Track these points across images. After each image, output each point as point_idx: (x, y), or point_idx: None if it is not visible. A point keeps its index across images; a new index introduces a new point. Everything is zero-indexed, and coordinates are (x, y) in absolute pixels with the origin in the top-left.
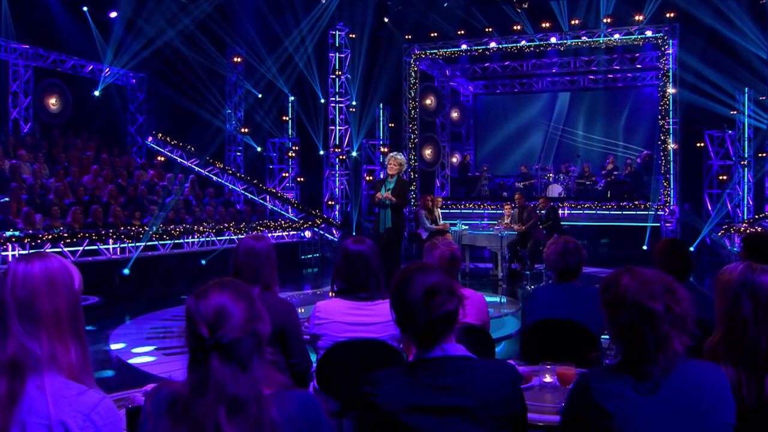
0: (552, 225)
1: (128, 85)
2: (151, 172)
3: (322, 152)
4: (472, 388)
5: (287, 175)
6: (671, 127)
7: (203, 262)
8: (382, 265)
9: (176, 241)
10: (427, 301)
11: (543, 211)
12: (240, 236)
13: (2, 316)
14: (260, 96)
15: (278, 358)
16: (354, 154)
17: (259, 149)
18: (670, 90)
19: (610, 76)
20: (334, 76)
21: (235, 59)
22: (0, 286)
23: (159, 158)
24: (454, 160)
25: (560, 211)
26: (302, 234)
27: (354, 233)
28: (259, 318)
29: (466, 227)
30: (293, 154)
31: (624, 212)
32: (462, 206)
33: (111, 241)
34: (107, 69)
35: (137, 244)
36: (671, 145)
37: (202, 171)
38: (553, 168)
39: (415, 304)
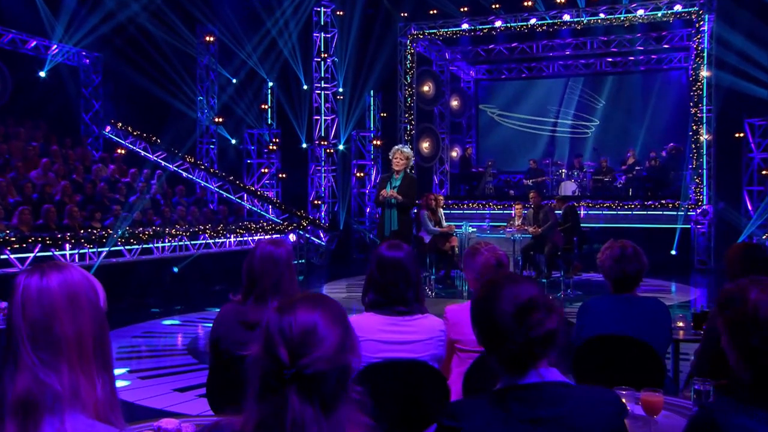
0: (571, 227)
1: (81, 66)
2: (111, 167)
3: (305, 145)
4: (572, 421)
5: (267, 170)
6: (705, 115)
7: (176, 269)
8: (420, 274)
9: (145, 246)
10: (522, 318)
11: (560, 212)
12: (217, 240)
13: (12, 344)
14: (235, 81)
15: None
16: (341, 147)
17: (234, 141)
18: (704, 73)
19: (632, 58)
20: (319, 59)
21: (207, 38)
22: (8, 305)
23: (119, 151)
24: (454, 154)
25: None
26: (286, 238)
27: (339, 236)
28: (352, 349)
29: (474, 230)
30: (274, 147)
31: (649, 212)
32: (464, 206)
33: (68, 246)
34: (55, 46)
35: (100, 249)
36: (704, 136)
37: (170, 166)
38: (566, 163)
39: (506, 322)
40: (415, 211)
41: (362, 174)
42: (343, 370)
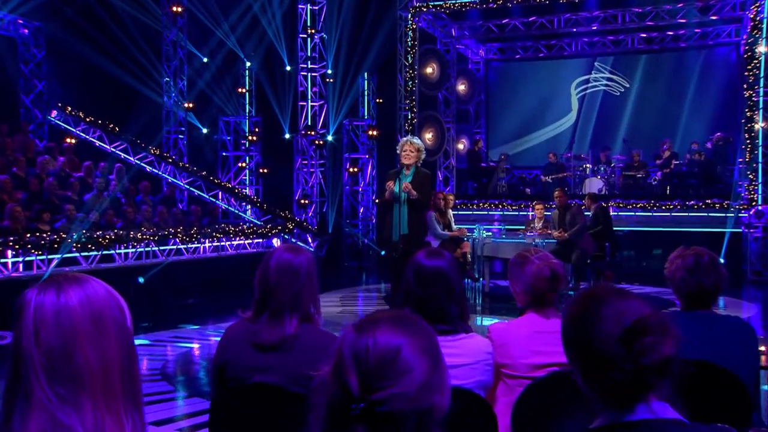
0: (603, 231)
1: (19, 37)
2: (61, 160)
3: (288, 135)
4: None
5: (245, 165)
6: (761, 99)
7: (141, 280)
8: (464, 287)
9: (105, 253)
10: (631, 342)
11: (588, 213)
12: (190, 245)
13: (22, 377)
14: (207, 61)
15: None
16: (330, 138)
17: (206, 131)
18: (762, 48)
19: (670, 33)
20: (305, 36)
21: (175, 9)
22: (16, 329)
23: (69, 140)
24: (461, 146)
25: None
26: (269, 243)
27: (329, 241)
28: (441, 387)
29: (489, 234)
30: (253, 138)
31: (690, 214)
32: (474, 206)
33: (11, 252)
34: None
35: (50, 256)
36: (760, 124)
37: (132, 159)
38: (591, 156)
39: (611, 346)
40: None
41: (355, 169)
42: (425, 413)
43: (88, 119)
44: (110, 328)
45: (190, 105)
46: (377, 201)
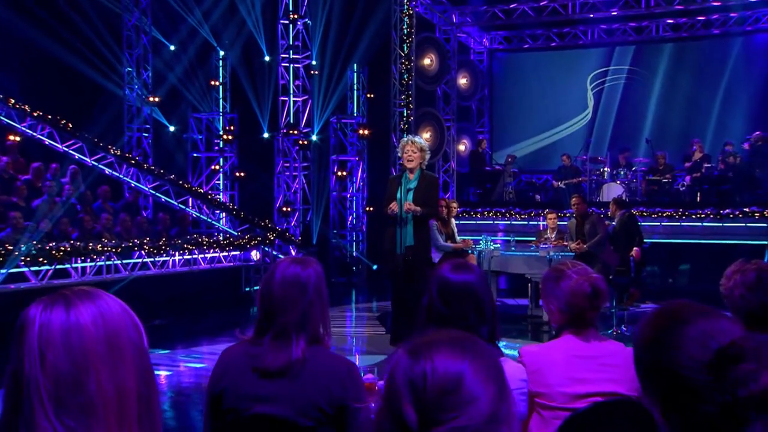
0: (628, 241)
1: None
2: (4, 160)
3: (267, 134)
4: None
5: (219, 167)
6: None
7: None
8: (495, 305)
9: (59, 267)
10: (724, 369)
11: (613, 222)
12: (158, 258)
13: (24, 406)
14: (174, 49)
15: None
16: (315, 137)
17: (173, 129)
18: None
19: (701, 18)
20: (286, 22)
21: None
22: (14, 352)
23: (13, 138)
24: (462, 147)
25: None
26: (247, 255)
27: (315, 254)
28: (508, 418)
29: (498, 246)
30: (228, 137)
31: (725, 224)
32: (477, 215)
33: None
34: None
35: None
36: None
37: (89, 160)
38: (610, 159)
39: (697, 373)
40: None
41: (344, 173)
42: None
43: (35, 114)
44: (126, 351)
45: (156, 99)
46: (369, 209)
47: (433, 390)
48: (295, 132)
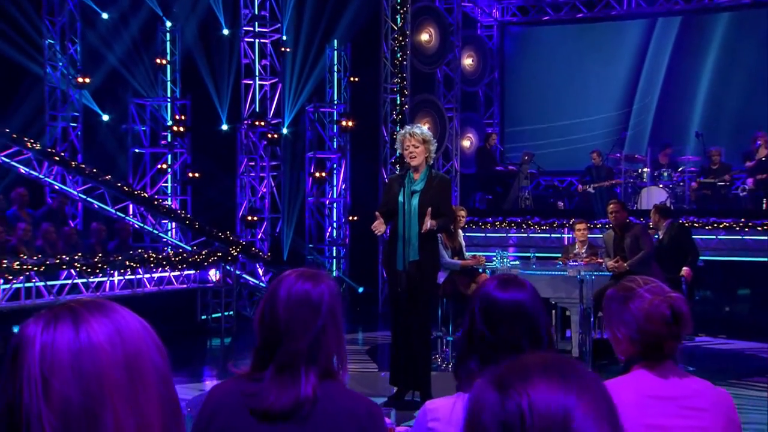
0: (679, 259)
1: None
2: None
3: (227, 126)
4: None
5: (168, 166)
6: None
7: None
8: (551, 330)
9: None
10: None
11: (658, 234)
12: (91, 279)
13: None
14: (108, 17)
15: None
16: (286, 130)
17: (107, 118)
18: None
19: None
20: None
21: None
22: (6, 380)
23: None
24: (467, 143)
25: None
26: (203, 275)
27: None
28: None
29: (516, 263)
30: (179, 129)
31: None
32: (486, 225)
33: None
34: None
35: None
36: None
37: None
38: (650, 157)
39: None
40: None
41: (322, 174)
42: None
43: None
44: (149, 377)
45: (87, 81)
46: (353, 218)
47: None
48: (262, 123)
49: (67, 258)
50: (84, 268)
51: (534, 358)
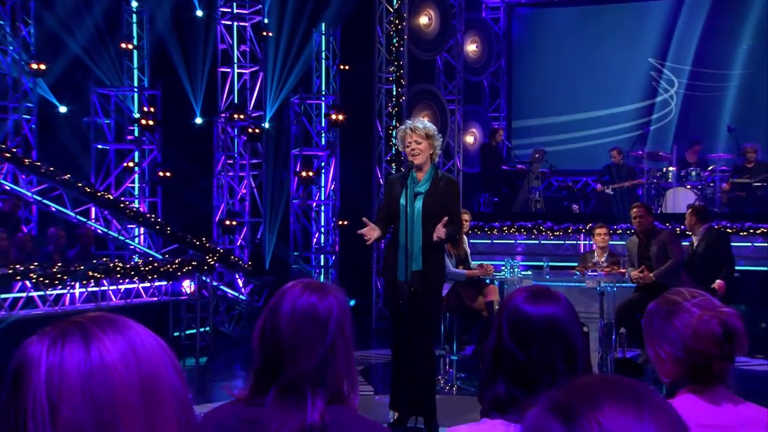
0: (713, 269)
1: None
2: None
3: (201, 120)
4: None
5: (135, 165)
6: None
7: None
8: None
9: None
10: None
11: (691, 240)
12: (50, 291)
13: None
14: None
15: None
16: (268, 124)
17: (64, 110)
18: None
19: None
20: None
21: None
22: (11, 407)
23: None
24: (471, 138)
25: None
26: (176, 287)
27: (271, 285)
28: None
29: (528, 273)
30: (148, 123)
31: None
32: (494, 231)
33: None
34: None
35: None
36: None
37: None
38: (676, 154)
39: None
40: None
41: (309, 173)
42: None
43: None
44: (167, 401)
45: (42, 67)
46: (343, 223)
47: None
48: (242, 116)
49: (22, 268)
50: (41, 279)
51: (597, 381)
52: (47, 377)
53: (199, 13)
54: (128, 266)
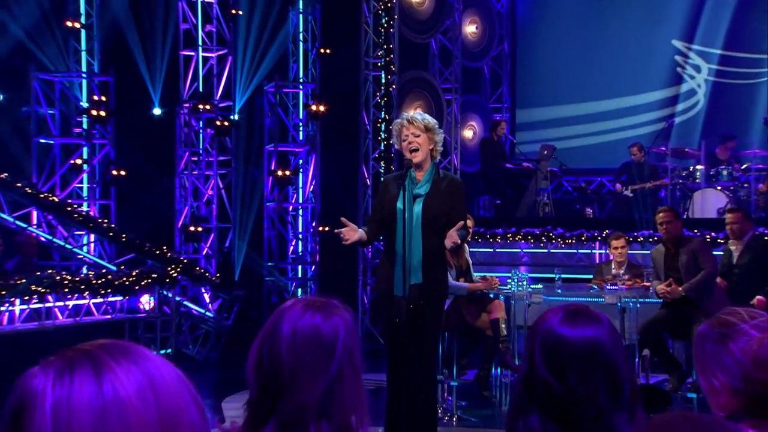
0: (756, 282)
1: None
2: None
3: (160, 110)
4: None
5: (85, 162)
6: None
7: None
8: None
9: None
10: None
11: (721, 247)
12: None
13: None
14: None
15: None
16: (237, 116)
17: (0, 98)
18: None
19: None
20: None
21: None
22: None
23: None
24: (469, 133)
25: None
26: (134, 303)
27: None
28: None
29: (539, 286)
30: (99, 114)
31: None
32: (497, 238)
33: None
34: None
35: None
36: None
37: None
38: (704, 151)
39: None
40: None
41: (285, 172)
42: None
43: None
44: None
45: None
46: (323, 229)
47: None
48: (208, 107)
49: None
50: None
51: (676, 419)
52: (53, 414)
53: None
54: (77, 279)
